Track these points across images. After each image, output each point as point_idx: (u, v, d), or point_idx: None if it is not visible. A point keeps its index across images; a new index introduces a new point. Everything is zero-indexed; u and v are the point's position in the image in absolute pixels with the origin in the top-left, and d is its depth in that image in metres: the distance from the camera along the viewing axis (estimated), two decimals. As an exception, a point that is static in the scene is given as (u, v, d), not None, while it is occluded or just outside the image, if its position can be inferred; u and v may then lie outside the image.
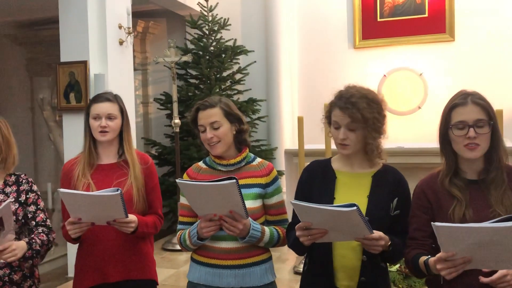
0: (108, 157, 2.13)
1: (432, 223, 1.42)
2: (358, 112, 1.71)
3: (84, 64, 4.11)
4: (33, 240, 1.98)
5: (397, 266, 3.48)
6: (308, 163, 1.95)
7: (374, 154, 1.80)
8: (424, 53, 5.55)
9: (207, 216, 1.81)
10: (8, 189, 2.04)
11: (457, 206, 1.64)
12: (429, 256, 1.59)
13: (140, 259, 2.12)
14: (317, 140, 4.66)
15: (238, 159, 1.98)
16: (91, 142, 2.11)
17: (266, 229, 1.93)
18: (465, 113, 1.63)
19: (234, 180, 1.69)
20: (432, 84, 5.51)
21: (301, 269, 3.82)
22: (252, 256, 1.93)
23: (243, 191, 1.86)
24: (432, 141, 5.65)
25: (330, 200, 1.77)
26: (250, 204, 1.89)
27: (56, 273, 4.59)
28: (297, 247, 1.81)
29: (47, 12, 5.75)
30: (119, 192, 1.77)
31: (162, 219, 2.21)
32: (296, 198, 1.87)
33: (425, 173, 1.85)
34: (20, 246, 1.89)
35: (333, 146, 1.88)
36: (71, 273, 4.28)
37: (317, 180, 1.84)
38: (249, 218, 1.84)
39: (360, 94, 1.76)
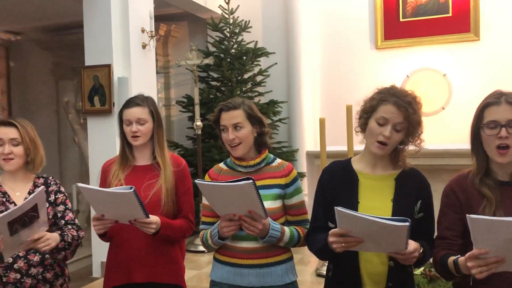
0: (142, 158, 2.17)
1: (467, 215, 1.37)
2: (413, 113, 1.68)
3: (108, 67, 4.17)
4: (65, 233, 2.04)
5: (422, 269, 3.43)
6: (327, 165, 1.93)
7: (399, 158, 1.77)
8: (448, 53, 5.46)
9: (226, 216, 1.83)
10: (37, 190, 2.10)
11: (487, 206, 1.61)
12: (459, 255, 1.55)
13: (167, 262, 2.12)
14: (339, 142, 4.65)
15: (258, 160, 1.99)
16: (126, 144, 2.16)
17: (286, 229, 1.93)
18: (498, 113, 1.59)
19: (251, 181, 1.70)
20: (456, 84, 5.41)
21: (324, 272, 3.81)
22: (272, 256, 1.94)
23: (263, 191, 1.88)
24: (456, 142, 5.60)
25: (354, 204, 1.74)
26: (269, 204, 1.91)
27: (81, 273, 4.66)
28: (323, 253, 1.78)
29: (71, 17, 5.87)
30: (132, 190, 1.78)
31: (193, 224, 2.18)
32: (316, 200, 1.86)
33: (450, 175, 1.82)
34: (53, 237, 1.94)
35: (356, 147, 1.86)
36: (96, 273, 4.37)
37: (338, 182, 1.81)
38: (269, 218, 1.85)
39: (412, 96, 1.73)
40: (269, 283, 1.93)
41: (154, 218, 1.95)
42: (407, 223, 1.46)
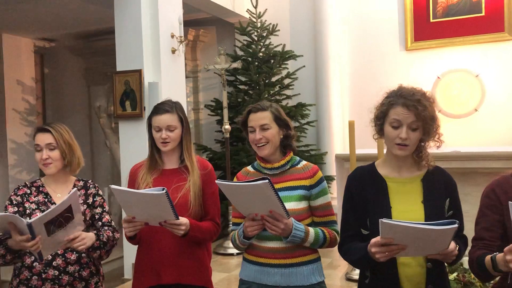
0: (170, 162, 2.22)
1: (509, 201, 1.35)
2: (424, 110, 1.68)
3: (138, 72, 4.25)
4: (100, 233, 2.12)
5: (455, 274, 3.36)
6: (352, 171, 1.93)
7: (423, 157, 1.77)
8: (480, 54, 5.34)
9: (250, 215, 1.88)
10: (70, 193, 2.16)
11: None
12: (497, 252, 1.53)
13: (194, 264, 2.15)
14: (368, 145, 4.59)
15: (282, 162, 2.03)
16: (155, 149, 2.20)
17: (311, 230, 1.95)
18: None
19: (267, 180, 1.72)
20: (489, 85, 5.28)
21: (354, 276, 3.79)
22: (298, 256, 1.97)
23: (287, 193, 1.92)
24: (490, 145, 5.44)
25: (387, 210, 1.73)
26: (293, 205, 1.94)
27: (113, 274, 4.75)
28: (363, 263, 1.77)
29: (103, 24, 6.02)
30: (164, 191, 1.81)
31: (219, 226, 2.23)
32: (346, 208, 1.86)
33: (483, 178, 1.80)
34: (89, 236, 2.01)
35: (386, 150, 1.85)
36: (127, 274, 4.44)
37: (367, 188, 1.80)
38: (292, 218, 1.87)
39: (420, 93, 1.73)
40: (295, 283, 1.95)
41: (183, 219, 1.99)
42: (456, 225, 1.47)
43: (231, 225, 4.91)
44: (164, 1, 4.40)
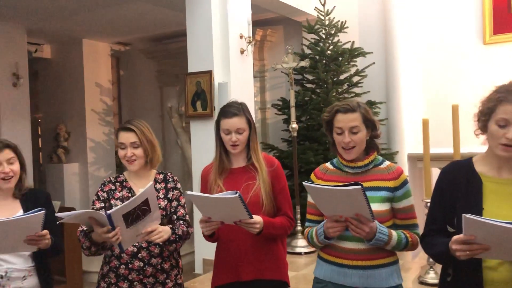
0: (238, 161, 2.26)
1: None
2: None
3: (209, 73, 4.36)
4: (176, 227, 2.20)
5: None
6: (446, 165, 1.81)
7: None
8: None
9: (333, 217, 1.84)
10: (158, 186, 2.28)
11: None
12: None
13: (272, 259, 2.18)
14: (443, 143, 4.40)
15: (366, 161, 1.97)
16: (222, 150, 2.25)
17: (394, 233, 1.90)
18: None
19: (360, 186, 1.68)
20: None
21: (427, 280, 3.65)
22: (377, 258, 1.92)
23: (370, 193, 1.86)
24: None
25: (478, 211, 1.62)
26: (376, 207, 1.88)
27: (184, 269, 4.86)
28: (442, 258, 1.71)
29: (174, 27, 6.24)
30: (237, 195, 1.85)
31: (293, 220, 2.24)
32: (434, 202, 1.79)
33: None
34: (165, 230, 2.10)
35: (464, 149, 1.76)
36: (198, 269, 4.58)
37: (459, 185, 1.70)
38: (376, 221, 1.83)
39: None
40: (373, 285, 1.91)
41: (257, 218, 2.01)
42: None
43: (299, 224, 4.91)
44: (233, 3, 4.48)
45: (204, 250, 4.43)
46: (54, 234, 2.12)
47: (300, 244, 4.82)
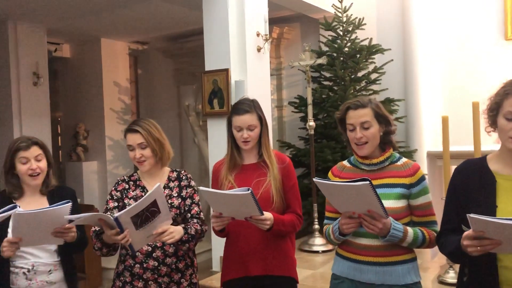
0: (249, 158, 2.29)
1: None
2: None
3: (226, 72, 4.36)
4: (188, 226, 2.20)
5: None
6: (460, 164, 1.80)
7: None
8: None
9: (346, 213, 1.86)
10: (171, 184, 2.29)
11: None
12: None
13: (280, 256, 2.20)
14: (463, 141, 4.34)
15: (382, 158, 1.97)
16: (234, 146, 2.26)
17: (409, 229, 1.89)
18: None
19: (368, 182, 1.68)
20: None
21: (446, 279, 3.60)
22: (393, 255, 1.92)
23: (385, 190, 1.87)
24: None
25: (491, 209, 1.61)
26: (392, 204, 1.88)
27: (202, 266, 4.88)
28: (456, 255, 1.70)
29: (190, 26, 6.26)
30: (249, 192, 1.87)
31: (301, 218, 2.26)
32: (449, 201, 1.78)
33: None
34: (177, 230, 2.11)
35: (484, 147, 1.73)
36: (215, 267, 4.59)
37: (473, 184, 1.69)
38: (390, 218, 1.82)
39: None
40: (389, 281, 1.91)
41: (268, 214, 2.04)
42: None
43: (316, 222, 4.89)
44: (250, 1, 4.46)
45: (221, 247, 4.37)
46: (79, 229, 2.15)
47: (318, 242, 4.80)
